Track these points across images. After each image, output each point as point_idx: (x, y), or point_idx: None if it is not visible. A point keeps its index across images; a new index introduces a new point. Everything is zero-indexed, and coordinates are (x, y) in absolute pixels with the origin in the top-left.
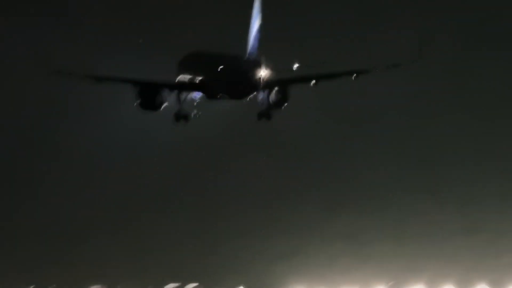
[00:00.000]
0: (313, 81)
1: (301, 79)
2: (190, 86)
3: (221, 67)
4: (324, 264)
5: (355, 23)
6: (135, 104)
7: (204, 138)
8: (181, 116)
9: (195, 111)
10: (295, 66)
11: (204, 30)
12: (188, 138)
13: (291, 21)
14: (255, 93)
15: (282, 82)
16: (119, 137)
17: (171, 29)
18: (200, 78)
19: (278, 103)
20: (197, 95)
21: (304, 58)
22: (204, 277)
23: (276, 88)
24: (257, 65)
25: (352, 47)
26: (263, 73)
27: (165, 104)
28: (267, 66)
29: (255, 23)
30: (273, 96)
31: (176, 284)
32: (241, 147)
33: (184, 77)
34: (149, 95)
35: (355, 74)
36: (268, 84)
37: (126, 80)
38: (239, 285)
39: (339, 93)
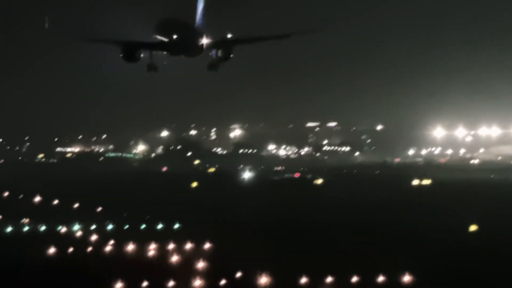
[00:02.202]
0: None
1: (244, 40)
2: (159, 46)
3: (180, 32)
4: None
5: None
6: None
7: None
8: (152, 67)
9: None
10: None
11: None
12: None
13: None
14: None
15: (226, 43)
16: None
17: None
18: (165, 40)
19: (224, 58)
20: (163, 52)
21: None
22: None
23: (221, 48)
24: (204, 32)
25: None
26: (209, 38)
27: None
28: (211, 33)
29: (201, 1)
30: (219, 53)
31: (316, 123)
32: None
33: (154, 39)
34: (130, 51)
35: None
36: (216, 45)
37: (115, 41)
38: (378, 124)
39: None
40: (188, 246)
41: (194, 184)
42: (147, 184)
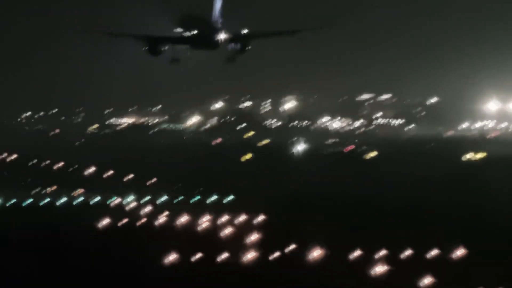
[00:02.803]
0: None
1: (259, 35)
2: (180, 40)
3: (200, 27)
4: None
5: None
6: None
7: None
8: (174, 59)
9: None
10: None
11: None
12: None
13: None
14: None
15: (244, 37)
16: None
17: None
18: (186, 34)
19: (241, 51)
20: (184, 46)
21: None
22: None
23: (238, 42)
24: (221, 27)
25: None
26: (226, 33)
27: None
28: (228, 28)
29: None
30: (237, 46)
31: (369, 96)
32: None
33: (175, 33)
34: (154, 45)
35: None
36: (233, 39)
37: (140, 35)
38: (432, 97)
39: None
40: (241, 218)
41: (247, 156)
42: (200, 156)
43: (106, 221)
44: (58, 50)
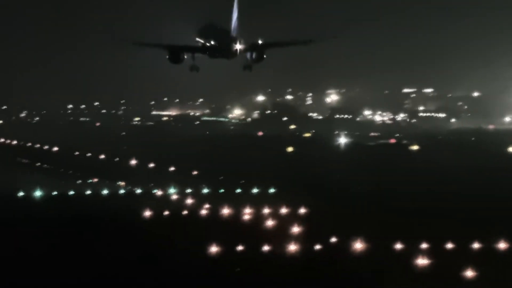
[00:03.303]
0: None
1: (274, 44)
2: (200, 49)
3: (219, 37)
4: None
5: None
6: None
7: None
8: (194, 68)
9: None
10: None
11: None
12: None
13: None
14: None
15: (260, 47)
16: None
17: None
18: (206, 43)
19: (257, 60)
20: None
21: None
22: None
23: (254, 51)
24: (238, 37)
25: None
26: (243, 43)
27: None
28: (245, 38)
29: (235, 12)
30: (253, 56)
31: (412, 89)
32: None
33: (196, 42)
34: (175, 54)
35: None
36: (249, 49)
37: (162, 45)
38: (474, 91)
39: None
40: (283, 210)
41: (290, 149)
42: (243, 148)
43: (149, 212)
44: (102, 44)
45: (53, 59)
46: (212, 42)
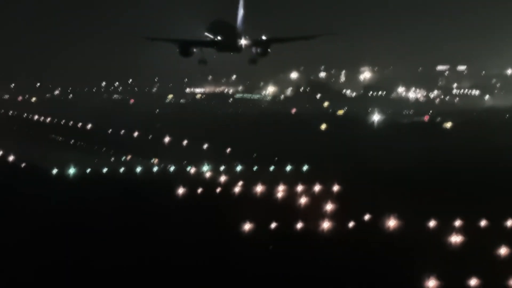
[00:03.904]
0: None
1: (277, 40)
2: (208, 44)
3: (226, 33)
4: None
5: None
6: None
7: None
8: (202, 61)
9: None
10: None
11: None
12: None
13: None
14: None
15: (264, 42)
16: None
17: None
18: (214, 38)
19: (262, 54)
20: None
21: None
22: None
23: (259, 46)
24: (243, 33)
25: None
26: (248, 39)
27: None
28: (250, 34)
29: (241, 9)
30: (258, 50)
31: (446, 66)
32: None
33: (205, 37)
34: (185, 48)
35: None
36: (254, 44)
37: (174, 40)
38: (508, 68)
39: None
40: (317, 188)
41: (323, 126)
42: (276, 126)
43: (183, 189)
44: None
45: (88, 39)
46: (219, 38)
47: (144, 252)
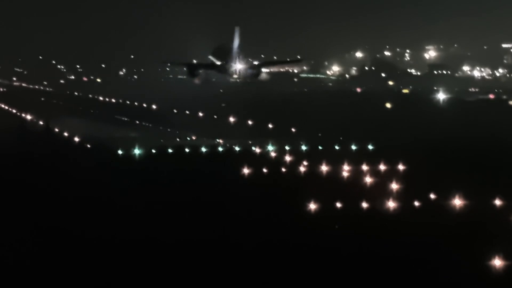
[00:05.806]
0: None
1: (266, 64)
2: (209, 66)
3: (223, 58)
4: None
5: None
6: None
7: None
8: (206, 80)
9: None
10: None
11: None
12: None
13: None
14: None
15: (256, 67)
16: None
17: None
18: (215, 62)
19: (255, 76)
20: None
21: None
22: None
23: (254, 68)
24: (241, 58)
25: None
26: (243, 62)
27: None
28: (246, 59)
29: (236, 40)
30: (253, 72)
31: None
32: None
33: (209, 61)
34: (192, 70)
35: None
36: (249, 67)
37: (182, 63)
38: None
39: None
40: (382, 167)
41: (388, 105)
42: (341, 105)
43: (246, 170)
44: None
45: (152, 23)
46: (218, 62)
47: (215, 227)
